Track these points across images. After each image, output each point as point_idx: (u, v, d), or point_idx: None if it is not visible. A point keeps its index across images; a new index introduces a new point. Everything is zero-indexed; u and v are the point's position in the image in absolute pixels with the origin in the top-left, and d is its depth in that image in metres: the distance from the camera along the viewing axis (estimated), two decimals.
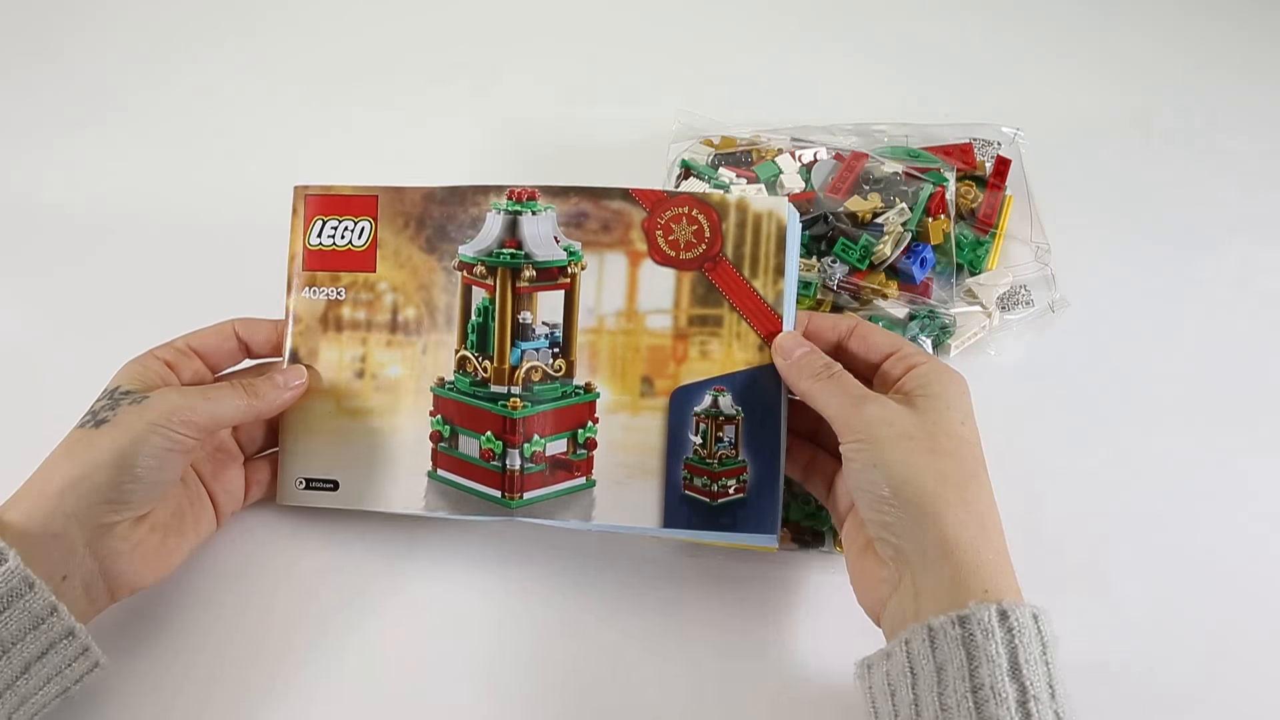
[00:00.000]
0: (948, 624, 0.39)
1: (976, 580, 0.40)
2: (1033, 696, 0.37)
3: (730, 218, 0.52)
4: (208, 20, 0.86)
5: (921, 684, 0.39)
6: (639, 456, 0.51)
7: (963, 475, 0.44)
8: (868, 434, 0.44)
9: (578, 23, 0.86)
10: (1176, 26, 0.85)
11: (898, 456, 0.43)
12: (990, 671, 0.38)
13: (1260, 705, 0.51)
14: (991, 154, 0.72)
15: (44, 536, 0.44)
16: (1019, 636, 0.38)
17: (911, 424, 0.44)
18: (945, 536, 0.41)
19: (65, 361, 0.64)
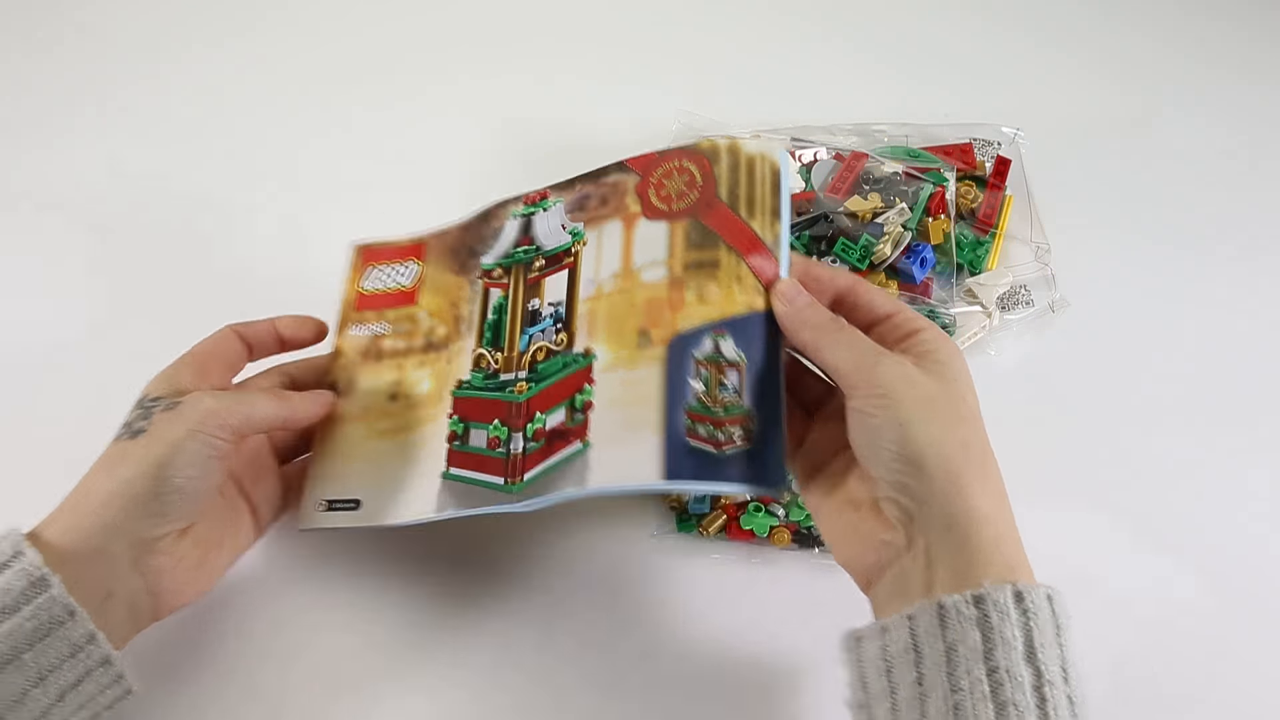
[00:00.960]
0: (962, 603, 0.38)
1: (998, 555, 0.39)
2: (1047, 681, 0.37)
3: (722, 161, 0.49)
4: (208, 20, 0.86)
5: (928, 662, 0.38)
6: (637, 410, 0.47)
7: (981, 447, 0.42)
8: (890, 391, 0.41)
9: (578, 23, 0.86)
10: (1176, 26, 0.85)
11: (924, 417, 0.41)
12: (1006, 654, 0.37)
13: (1260, 705, 0.51)
14: (991, 154, 0.72)
15: (86, 553, 0.43)
16: (1034, 619, 0.38)
17: (933, 388, 0.42)
18: (970, 506, 0.40)
19: (65, 362, 0.64)
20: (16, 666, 0.40)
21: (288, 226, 0.71)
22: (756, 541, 0.56)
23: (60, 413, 0.62)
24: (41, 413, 0.62)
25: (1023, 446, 0.60)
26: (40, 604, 0.41)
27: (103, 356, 0.64)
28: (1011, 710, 0.36)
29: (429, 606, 0.54)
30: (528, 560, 0.56)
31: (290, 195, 0.74)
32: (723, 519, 0.56)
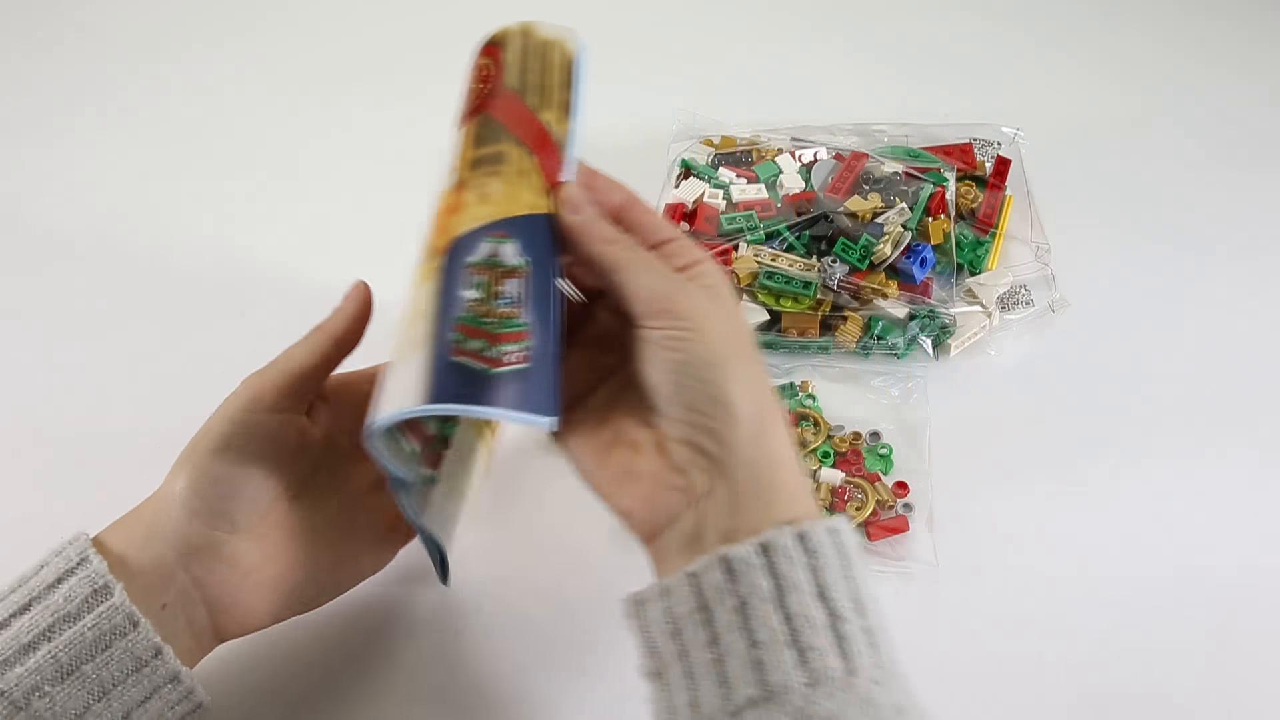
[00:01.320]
0: (750, 553, 0.36)
1: (795, 499, 0.38)
2: (842, 618, 0.35)
3: (513, 46, 0.44)
4: (208, 21, 0.86)
5: (720, 620, 0.36)
6: (413, 329, 0.39)
7: (772, 390, 0.40)
8: (697, 325, 0.38)
9: (577, 23, 0.86)
10: (1176, 26, 0.85)
11: (733, 356, 0.38)
12: (798, 598, 0.35)
13: (1261, 706, 0.51)
14: (991, 154, 0.72)
15: (141, 560, 0.41)
16: (819, 558, 0.36)
17: (732, 324, 0.39)
18: (772, 451, 0.38)
19: (66, 362, 0.64)
20: (77, 679, 0.38)
21: (287, 226, 0.71)
22: None
23: (59, 412, 0.62)
24: (41, 413, 0.62)
25: (1023, 446, 0.61)
26: (102, 612, 0.38)
27: (103, 357, 0.64)
28: (812, 655, 0.34)
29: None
30: (526, 562, 0.56)
31: (290, 195, 0.74)
32: None
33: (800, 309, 0.63)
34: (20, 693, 0.37)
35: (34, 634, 0.38)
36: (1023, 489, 0.59)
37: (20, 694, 0.37)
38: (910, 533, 0.56)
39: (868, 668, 0.35)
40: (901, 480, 0.58)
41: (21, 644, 0.38)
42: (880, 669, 0.35)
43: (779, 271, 0.62)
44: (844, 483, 0.58)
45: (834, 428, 0.61)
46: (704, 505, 0.38)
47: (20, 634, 0.38)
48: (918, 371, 0.63)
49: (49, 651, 0.38)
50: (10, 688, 0.37)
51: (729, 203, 0.66)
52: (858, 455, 0.59)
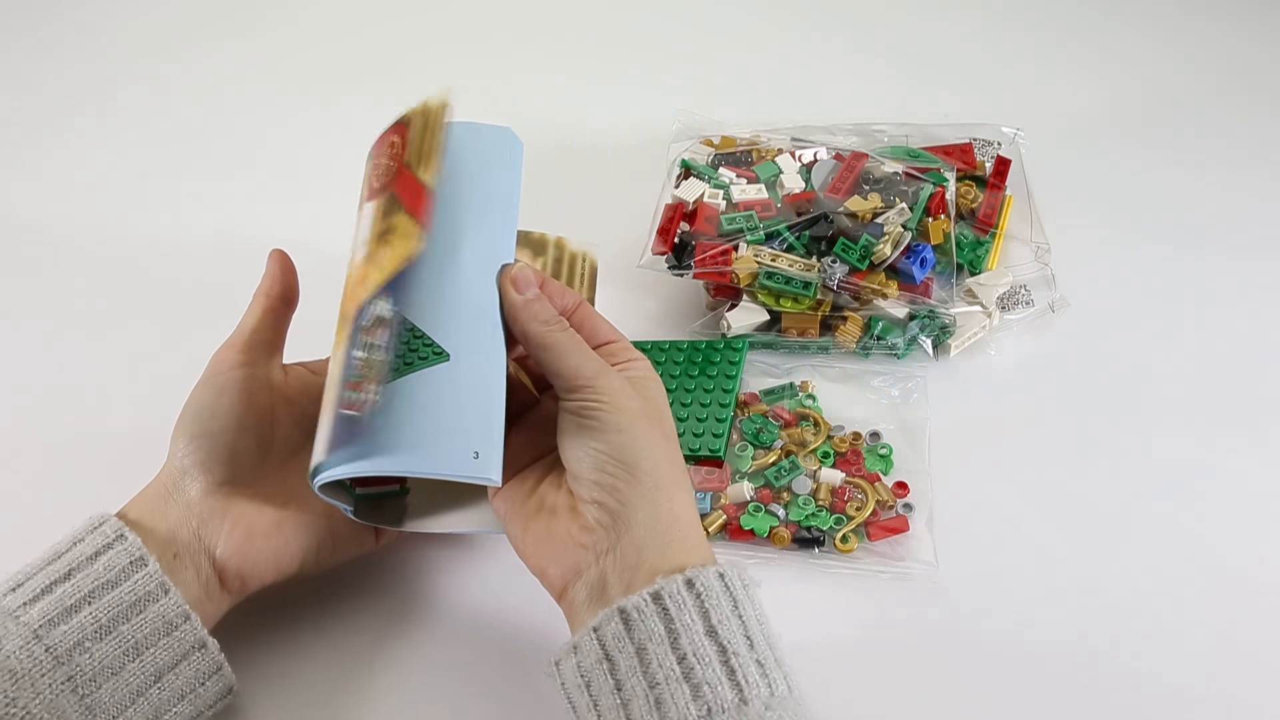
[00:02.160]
0: (641, 603, 0.40)
1: (689, 551, 0.42)
2: (732, 653, 0.39)
3: (413, 123, 0.48)
4: (207, 21, 0.86)
5: (622, 668, 0.40)
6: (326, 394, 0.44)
7: (681, 464, 0.45)
8: (613, 400, 0.43)
9: (578, 23, 0.86)
10: (1176, 26, 0.85)
11: (641, 427, 0.43)
12: (689, 638, 0.39)
13: (1261, 705, 0.51)
14: (991, 154, 0.72)
15: (152, 523, 0.45)
16: (708, 599, 0.40)
17: (648, 406, 0.45)
18: (673, 509, 0.42)
19: (66, 363, 0.64)
20: (115, 638, 0.42)
21: (287, 226, 0.71)
22: (756, 541, 0.56)
23: (60, 412, 0.62)
24: (42, 412, 0.62)
25: (1023, 446, 0.61)
26: (138, 579, 0.42)
27: (103, 357, 0.64)
28: (705, 689, 0.38)
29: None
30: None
31: (290, 195, 0.74)
32: (723, 519, 0.56)
33: (800, 309, 0.63)
34: (63, 648, 0.41)
35: (76, 598, 0.42)
36: (1023, 489, 0.59)
37: (63, 650, 0.41)
38: (910, 533, 0.56)
39: (761, 696, 0.38)
40: (901, 480, 0.58)
41: (65, 606, 0.41)
42: (773, 697, 0.39)
43: (779, 271, 0.62)
44: (844, 483, 0.58)
45: (834, 428, 0.61)
46: (606, 560, 0.42)
47: (64, 598, 0.42)
48: (918, 371, 0.63)
49: (90, 613, 0.41)
50: (55, 643, 0.41)
51: (729, 203, 0.66)
52: (858, 455, 0.59)
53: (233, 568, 0.46)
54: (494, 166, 0.49)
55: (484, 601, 0.53)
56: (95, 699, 0.41)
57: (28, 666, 0.40)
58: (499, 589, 0.54)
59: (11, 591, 0.42)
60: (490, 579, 0.54)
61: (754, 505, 0.57)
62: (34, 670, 0.40)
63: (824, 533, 0.56)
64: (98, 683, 0.41)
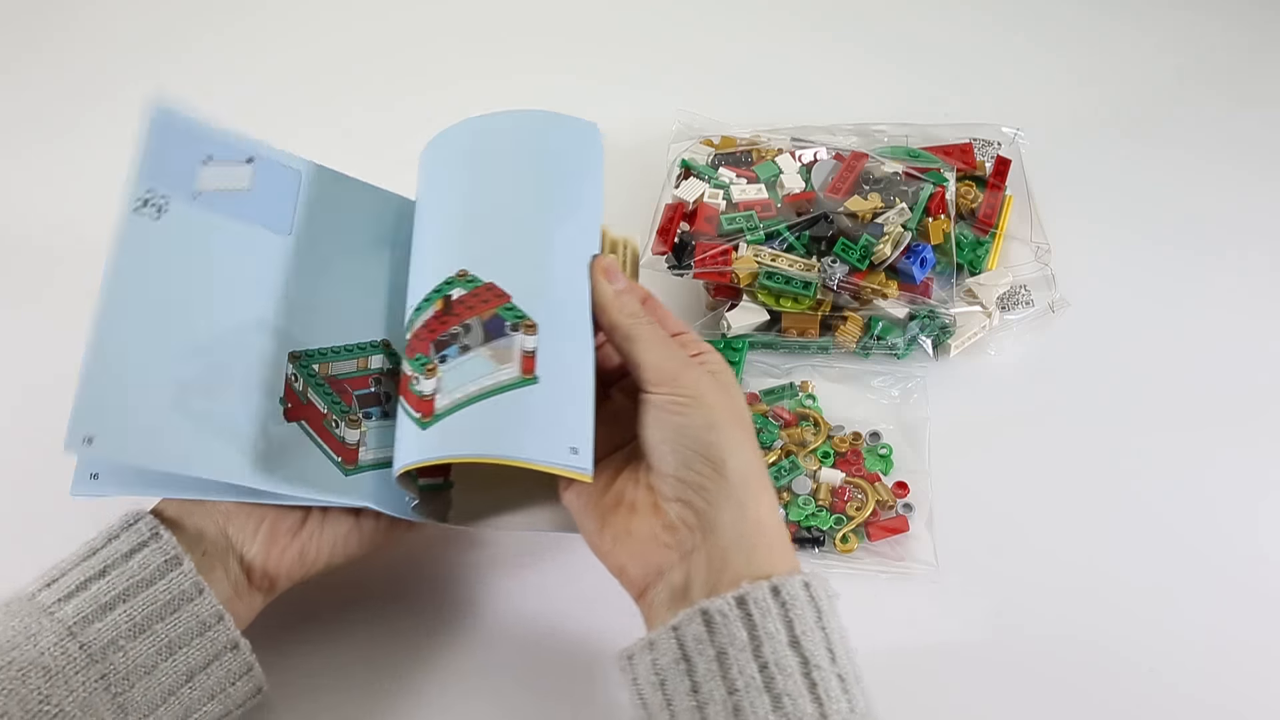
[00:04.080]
0: (725, 606, 0.39)
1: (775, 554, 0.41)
2: (814, 665, 0.38)
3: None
4: (207, 21, 0.86)
5: (700, 670, 0.39)
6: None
7: (766, 471, 0.44)
8: (701, 395, 0.43)
9: (577, 23, 0.86)
10: (1176, 26, 0.85)
11: (730, 424, 0.43)
12: (772, 647, 0.38)
13: (1260, 704, 0.51)
14: (991, 154, 0.72)
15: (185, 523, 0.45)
16: (793, 609, 0.39)
17: (734, 404, 0.44)
18: (759, 512, 0.42)
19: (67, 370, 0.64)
20: (149, 636, 0.42)
21: None
22: None
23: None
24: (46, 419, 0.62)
25: (1023, 446, 0.61)
26: (173, 579, 0.43)
27: None
28: (786, 700, 0.37)
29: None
30: (520, 563, 0.56)
31: None
32: None
33: (800, 309, 0.63)
34: (98, 646, 0.41)
35: (111, 595, 0.42)
36: (1022, 489, 0.59)
37: (98, 647, 0.41)
38: (910, 533, 0.56)
39: (841, 712, 0.38)
40: (901, 480, 0.58)
41: (100, 603, 0.41)
42: (853, 713, 0.38)
43: (779, 271, 0.62)
44: (844, 483, 0.58)
45: (834, 428, 0.61)
46: (690, 561, 0.41)
47: (99, 595, 0.42)
48: (918, 371, 0.63)
49: (125, 611, 0.42)
50: (89, 640, 0.41)
51: (729, 203, 0.66)
52: (858, 455, 0.59)
53: (260, 566, 0.46)
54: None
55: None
56: (128, 697, 0.41)
57: (62, 663, 0.40)
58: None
59: (46, 587, 0.42)
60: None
61: None
62: (68, 667, 0.40)
63: (824, 533, 0.56)
64: (130, 681, 0.41)
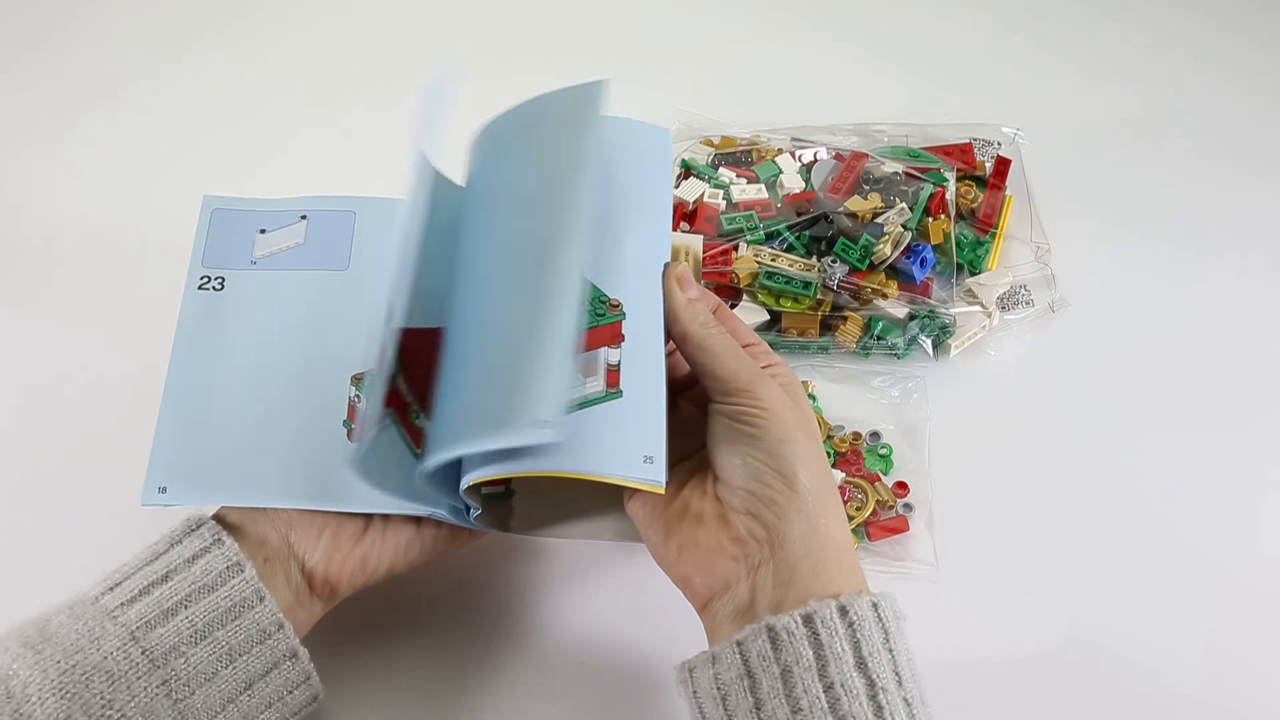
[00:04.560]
0: (792, 623, 0.38)
1: (842, 572, 0.40)
2: (881, 688, 0.38)
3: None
4: (206, 21, 0.86)
5: (764, 687, 0.38)
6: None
7: (835, 487, 0.43)
8: (773, 407, 0.42)
9: (577, 23, 0.86)
10: (1176, 26, 0.85)
11: (800, 441, 0.41)
12: (839, 668, 0.38)
13: (1260, 704, 0.51)
14: (991, 154, 0.72)
15: (243, 523, 0.46)
16: (860, 629, 0.39)
17: (805, 418, 0.43)
18: (828, 528, 0.41)
19: (67, 371, 0.64)
20: (210, 643, 0.42)
21: None
22: None
23: (75, 424, 0.62)
24: (48, 425, 0.62)
25: (1023, 446, 0.61)
26: (234, 585, 0.43)
27: (106, 363, 0.64)
28: None
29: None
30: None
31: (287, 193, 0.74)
32: None
33: (800, 309, 0.63)
34: (160, 652, 0.41)
35: (174, 601, 0.42)
36: (1023, 489, 0.59)
37: (160, 653, 0.41)
38: (910, 533, 0.56)
39: None
40: (901, 480, 0.58)
41: (163, 609, 0.42)
42: None
43: (779, 271, 0.62)
44: (844, 483, 0.58)
45: (834, 428, 0.61)
46: (757, 575, 0.41)
47: (161, 600, 0.42)
48: (918, 371, 0.63)
49: (187, 617, 0.42)
50: (152, 646, 0.41)
51: (729, 203, 0.66)
52: (858, 455, 0.59)
53: (321, 573, 0.46)
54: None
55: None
56: (188, 704, 0.41)
57: (124, 668, 0.40)
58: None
59: (109, 591, 0.42)
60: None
61: None
62: (130, 672, 0.40)
63: None
64: (191, 688, 0.41)
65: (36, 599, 0.43)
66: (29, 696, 0.38)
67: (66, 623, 0.41)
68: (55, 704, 0.38)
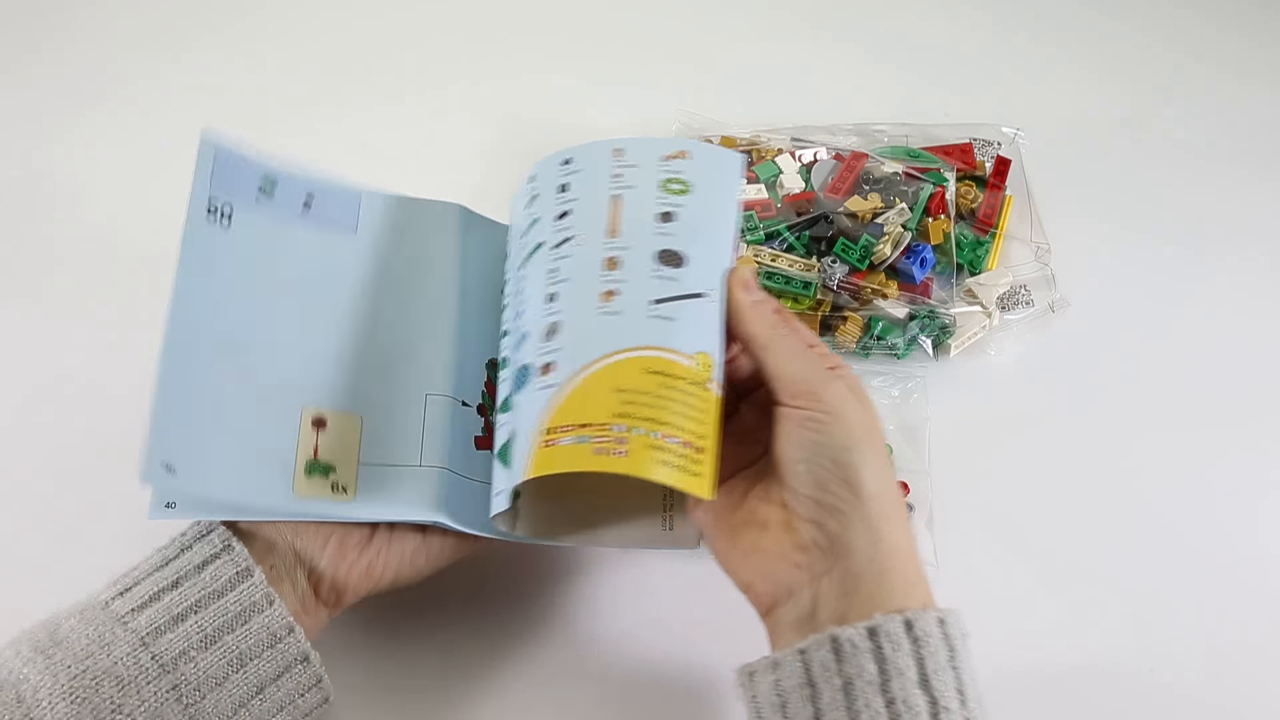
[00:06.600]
0: (856, 636, 0.38)
1: (907, 584, 0.40)
2: (943, 707, 0.37)
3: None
4: (205, 20, 0.86)
5: (825, 697, 0.38)
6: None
7: (900, 495, 0.43)
8: (839, 411, 0.41)
9: (577, 23, 0.86)
10: (1176, 26, 0.85)
11: (867, 446, 0.41)
12: (901, 684, 0.37)
13: (1260, 704, 0.51)
14: (991, 154, 0.72)
15: (251, 530, 0.46)
16: (925, 646, 0.38)
17: (872, 423, 0.42)
18: (893, 538, 0.40)
19: (66, 372, 0.64)
20: (220, 648, 0.42)
21: None
22: None
23: (76, 424, 0.62)
24: (48, 425, 0.62)
25: (1023, 446, 0.61)
26: (244, 590, 0.43)
27: (107, 365, 0.64)
28: None
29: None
30: (523, 566, 0.56)
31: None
32: None
33: (800, 309, 0.63)
34: (169, 657, 0.41)
35: (183, 606, 0.42)
36: (1023, 489, 0.59)
37: (169, 658, 0.41)
38: None
39: None
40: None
41: (172, 614, 0.42)
42: None
43: (779, 271, 0.62)
44: None
45: None
46: (821, 584, 0.40)
47: (171, 606, 0.42)
48: (918, 371, 0.63)
49: (196, 622, 0.42)
50: (161, 651, 0.41)
51: None
52: None
53: (327, 580, 0.46)
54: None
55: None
56: (199, 709, 0.41)
57: (134, 673, 0.40)
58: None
59: (120, 596, 0.42)
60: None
61: None
62: (140, 677, 0.40)
63: None
64: (202, 693, 0.41)
65: (38, 599, 0.44)
66: (39, 701, 0.38)
67: (77, 627, 0.41)
68: (65, 708, 0.38)
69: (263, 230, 0.49)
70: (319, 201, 0.51)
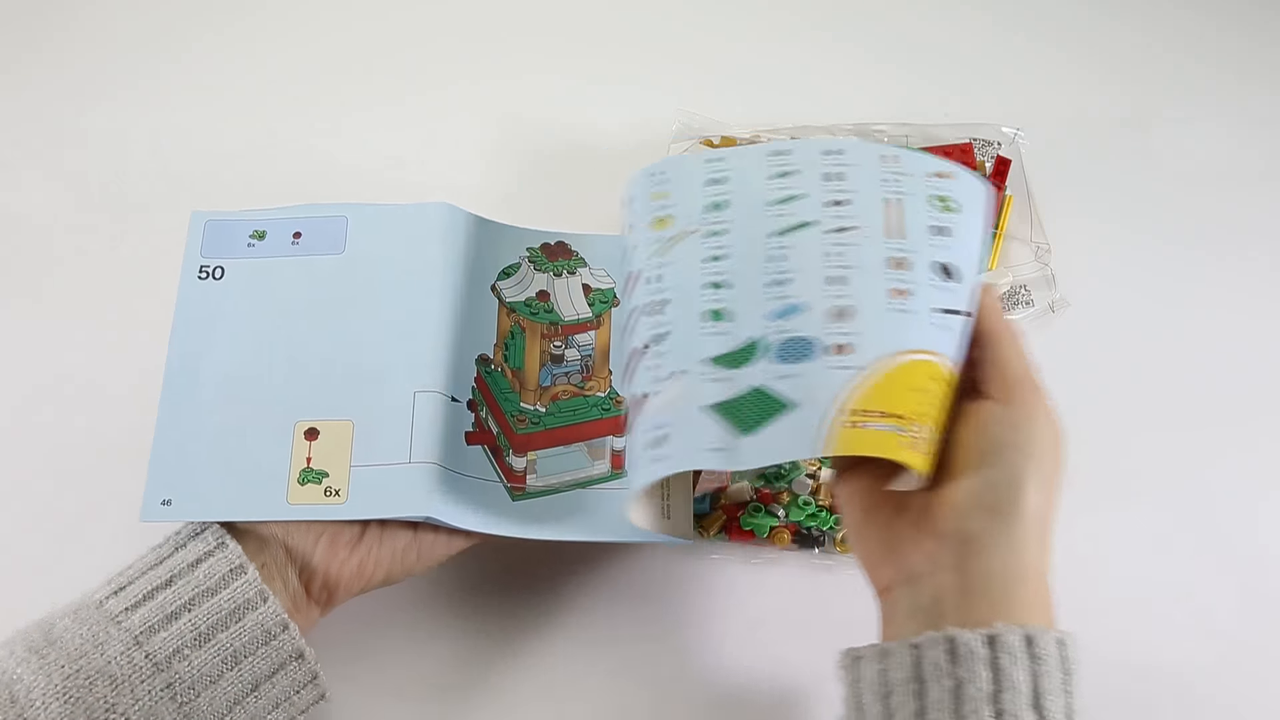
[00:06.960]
0: (975, 641, 0.38)
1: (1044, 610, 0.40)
2: None
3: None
4: (204, 20, 0.86)
5: (932, 696, 0.38)
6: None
7: (1051, 520, 0.43)
8: (1034, 420, 0.42)
9: (577, 23, 0.86)
10: (1176, 26, 0.85)
11: (1047, 464, 0.42)
12: (1013, 699, 0.37)
13: (1260, 704, 0.51)
14: (991, 154, 0.72)
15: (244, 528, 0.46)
16: (1042, 665, 0.38)
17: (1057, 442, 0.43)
18: (1033, 558, 0.40)
19: (66, 373, 0.64)
20: (214, 646, 0.42)
21: None
22: (756, 542, 0.56)
23: (75, 424, 0.62)
24: (48, 425, 0.62)
25: None
26: (238, 587, 0.43)
27: (107, 365, 0.64)
28: None
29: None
30: (519, 563, 0.56)
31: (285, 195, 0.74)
32: (722, 519, 0.56)
33: None
34: (163, 655, 0.41)
35: (177, 605, 0.42)
36: None
37: (163, 657, 0.41)
38: None
39: None
40: None
41: (166, 613, 0.42)
42: None
43: None
44: None
45: None
46: (945, 578, 0.40)
47: (165, 604, 0.42)
48: None
49: (189, 620, 0.42)
50: (155, 650, 0.41)
51: None
52: None
53: (319, 578, 0.46)
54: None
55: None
56: (193, 707, 0.41)
57: (128, 672, 0.40)
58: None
59: (114, 595, 0.43)
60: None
61: (754, 505, 0.57)
62: (134, 676, 0.40)
63: (824, 533, 0.56)
64: (196, 690, 0.41)
65: (37, 599, 0.44)
66: (33, 701, 0.39)
67: (71, 627, 0.41)
68: (59, 708, 0.39)
69: (255, 270, 0.52)
70: (307, 234, 0.53)
